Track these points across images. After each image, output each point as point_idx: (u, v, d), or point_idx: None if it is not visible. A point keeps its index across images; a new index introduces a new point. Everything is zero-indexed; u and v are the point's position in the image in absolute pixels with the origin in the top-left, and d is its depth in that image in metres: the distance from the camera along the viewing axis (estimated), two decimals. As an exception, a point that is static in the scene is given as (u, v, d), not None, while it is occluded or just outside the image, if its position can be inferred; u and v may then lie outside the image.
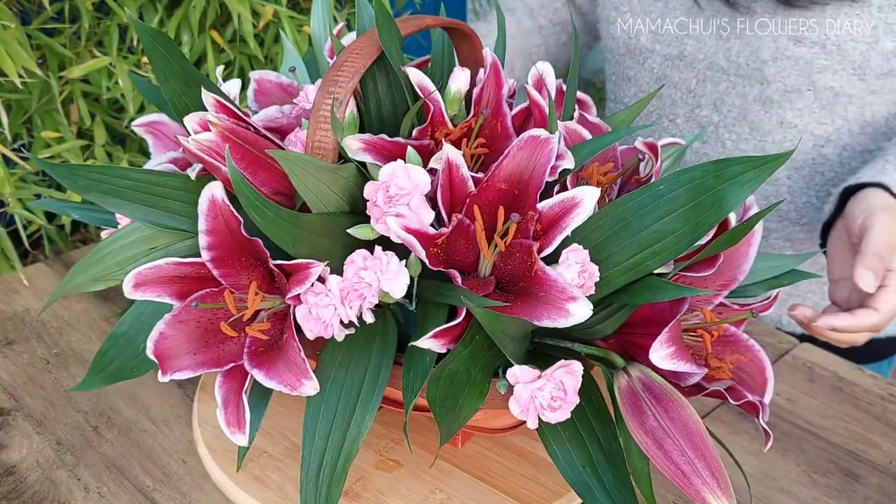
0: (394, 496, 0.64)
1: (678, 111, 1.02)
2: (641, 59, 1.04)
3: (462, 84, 0.61)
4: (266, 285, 0.55)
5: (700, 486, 0.49)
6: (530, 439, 0.69)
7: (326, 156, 0.55)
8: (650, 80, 1.04)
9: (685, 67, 0.99)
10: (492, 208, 0.54)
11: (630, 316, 0.56)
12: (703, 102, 0.99)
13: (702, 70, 0.98)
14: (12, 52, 0.93)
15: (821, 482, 0.70)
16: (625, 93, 1.09)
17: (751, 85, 0.95)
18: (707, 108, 0.99)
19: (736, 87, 0.96)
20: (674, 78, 1.01)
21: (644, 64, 1.04)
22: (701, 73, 0.98)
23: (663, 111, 1.04)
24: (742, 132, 0.98)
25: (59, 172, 0.57)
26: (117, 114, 1.19)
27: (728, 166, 0.53)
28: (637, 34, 1.02)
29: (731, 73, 0.95)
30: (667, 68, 1.01)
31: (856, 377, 0.82)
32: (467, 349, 0.53)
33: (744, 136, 0.98)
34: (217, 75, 0.69)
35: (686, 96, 1.00)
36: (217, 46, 1.20)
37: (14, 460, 0.69)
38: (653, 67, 1.03)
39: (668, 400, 0.52)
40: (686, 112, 1.01)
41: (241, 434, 0.53)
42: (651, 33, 1.01)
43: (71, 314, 0.88)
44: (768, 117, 0.95)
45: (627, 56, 1.06)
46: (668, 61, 1.00)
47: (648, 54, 1.02)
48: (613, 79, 1.12)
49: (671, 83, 1.01)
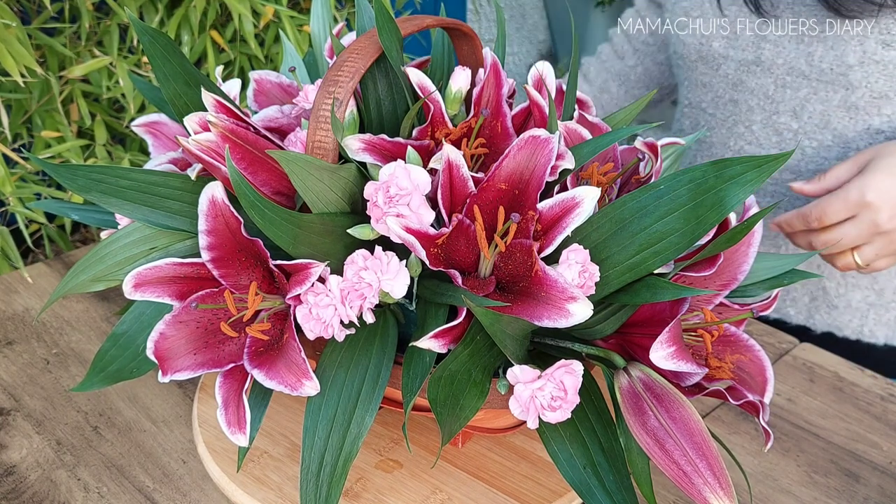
0: (394, 496, 0.64)
1: (754, 117, 1.00)
2: (715, 64, 1.01)
3: (463, 84, 0.61)
4: (266, 285, 0.55)
5: (702, 486, 0.49)
6: (530, 439, 0.69)
7: (326, 156, 0.55)
8: (725, 86, 1.01)
9: (762, 73, 0.97)
10: (492, 208, 0.54)
11: (630, 316, 0.56)
12: (781, 109, 0.97)
13: (780, 75, 0.95)
14: (14, 50, 0.93)
15: (821, 482, 0.70)
16: (700, 98, 1.07)
17: (834, 90, 0.92)
18: (786, 114, 0.97)
19: (818, 93, 0.93)
20: (750, 84, 0.98)
21: (718, 70, 1.01)
22: (780, 79, 0.95)
23: (739, 117, 1.02)
24: (824, 139, 0.95)
25: (59, 172, 0.57)
26: (117, 113, 1.20)
27: (728, 166, 0.53)
28: (709, 39, 1.00)
29: (812, 78, 0.93)
30: (742, 74, 0.98)
31: (856, 377, 0.82)
32: (468, 349, 0.53)
33: (826, 143, 0.95)
34: (217, 75, 0.69)
35: (763, 102, 0.98)
36: (217, 46, 1.20)
37: (14, 460, 0.69)
38: (727, 73, 1.00)
39: (669, 400, 0.52)
40: (763, 119, 0.99)
41: (241, 434, 0.53)
42: (724, 38, 0.99)
43: (71, 314, 0.88)
44: (853, 124, 0.93)
45: (700, 62, 1.03)
46: (744, 67, 0.98)
47: (722, 60, 1.00)
48: (686, 84, 1.09)
49: (747, 89, 0.99)
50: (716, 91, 1.03)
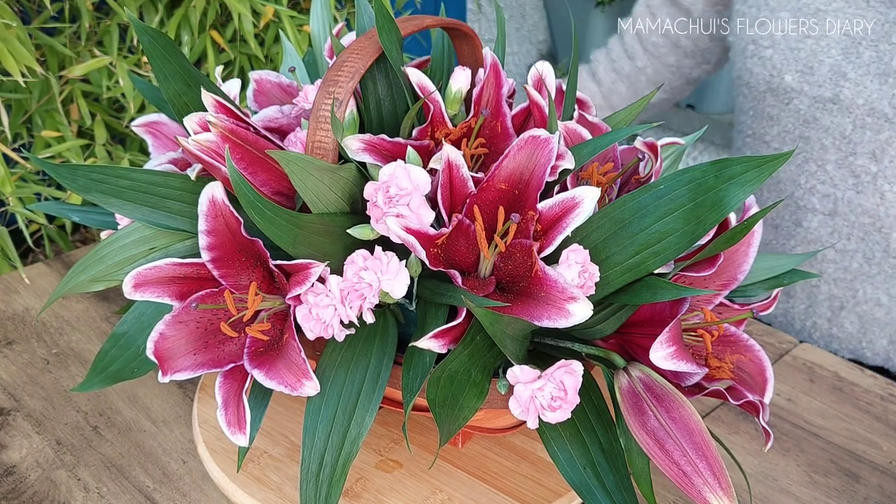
0: (394, 496, 0.64)
1: (828, 157, 0.94)
2: (786, 98, 0.95)
3: (463, 83, 0.61)
4: (266, 285, 0.55)
5: (702, 486, 0.49)
6: (530, 439, 0.69)
7: (326, 156, 0.55)
8: (796, 122, 0.96)
9: (839, 112, 0.91)
10: (492, 208, 0.54)
11: (630, 316, 0.56)
12: (859, 150, 0.91)
13: (860, 116, 0.89)
14: (14, 50, 0.93)
15: (821, 482, 0.70)
16: (766, 131, 1.01)
17: None
18: (864, 156, 0.91)
19: None
20: (824, 122, 0.92)
21: (789, 104, 0.95)
22: (859, 119, 0.90)
23: (810, 154, 0.96)
24: None
25: (59, 172, 0.57)
26: (117, 113, 1.20)
27: (728, 166, 0.53)
28: (781, 72, 0.94)
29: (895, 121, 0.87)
30: (816, 111, 0.93)
31: (856, 377, 0.82)
32: (467, 349, 0.53)
33: None
34: (217, 75, 0.69)
35: (839, 142, 0.92)
36: (217, 46, 1.20)
37: (14, 460, 0.69)
38: (799, 108, 0.95)
39: (669, 400, 0.52)
40: (838, 159, 0.93)
41: (241, 434, 0.52)
42: (798, 73, 0.93)
43: (71, 314, 0.88)
44: None
45: (769, 94, 0.97)
46: (819, 104, 0.92)
47: (794, 94, 0.94)
48: (751, 114, 1.03)
49: (821, 127, 0.93)
50: (783, 125, 0.98)
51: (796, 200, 1.00)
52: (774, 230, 1.05)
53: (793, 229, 1.01)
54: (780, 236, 1.04)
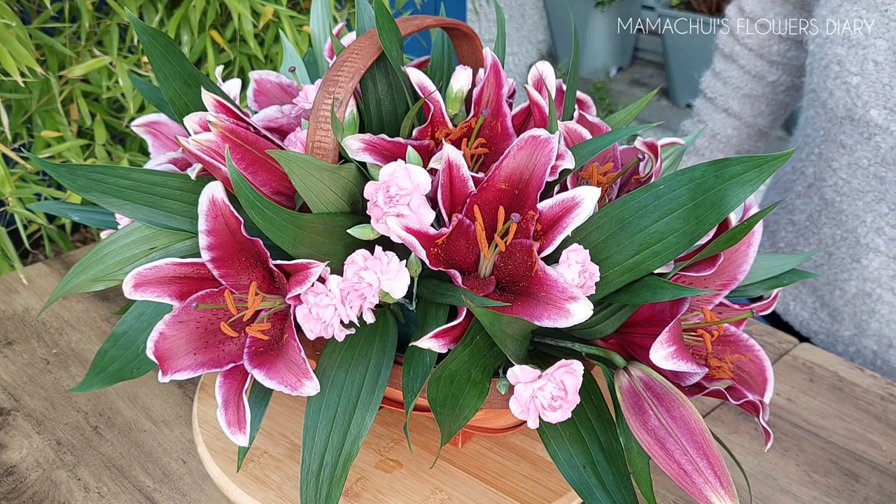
0: (394, 496, 0.64)
1: None
2: (867, 133, 0.86)
3: (464, 83, 0.61)
4: (266, 285, 0.55)
5: (703, 485, 0.49)
6: (530, 439, 0.69)
7: (326, 156, 0.55)
8: (873, 159, 0.86)
9: None
10: (492, 208, 0.54)
11: (630, 316, 0.56)
12: None
13: None
14: (14, 50, 0.93)
15: (821, 482, 0.70)
16: (835, 157, 0.92)
17: None
18: None
19: None
20: None
21: (869, 140, 0.86)
22: None
23: (884, 195, 0.87)
24: None
25: (58, 172, 0.57)
26: (117, 113, 1.20)
27: (728, 166, 0.53)
28: (866, 104, 0.84)
29: None
30: None
31: (856, 377, 0.82)
32: (468, 349, 0.53)
33: None
34: (217, 75, 0.69)
35: None
36: (217, 46, 1.20)
37: (14, 460, 0.69)
38: (880, 146, 0.85)
39: (670, 399, 0.52)
40: None
41: (241, 434, 0.53)
42: (888, 110, 0.83)
43: (71, 314, 0.88)
44: None
45: (847, 122, 0.88)
46: None
47: (878, 131, 0.85)
48: (822, 134, 0.94)
49: None
50: (857, 158, 0.89)
51: (858, 237, 0.93)
52: (828, 257, 0.98)
53: (849, 263, 0.95)
54: (832, 266, 0.97)
